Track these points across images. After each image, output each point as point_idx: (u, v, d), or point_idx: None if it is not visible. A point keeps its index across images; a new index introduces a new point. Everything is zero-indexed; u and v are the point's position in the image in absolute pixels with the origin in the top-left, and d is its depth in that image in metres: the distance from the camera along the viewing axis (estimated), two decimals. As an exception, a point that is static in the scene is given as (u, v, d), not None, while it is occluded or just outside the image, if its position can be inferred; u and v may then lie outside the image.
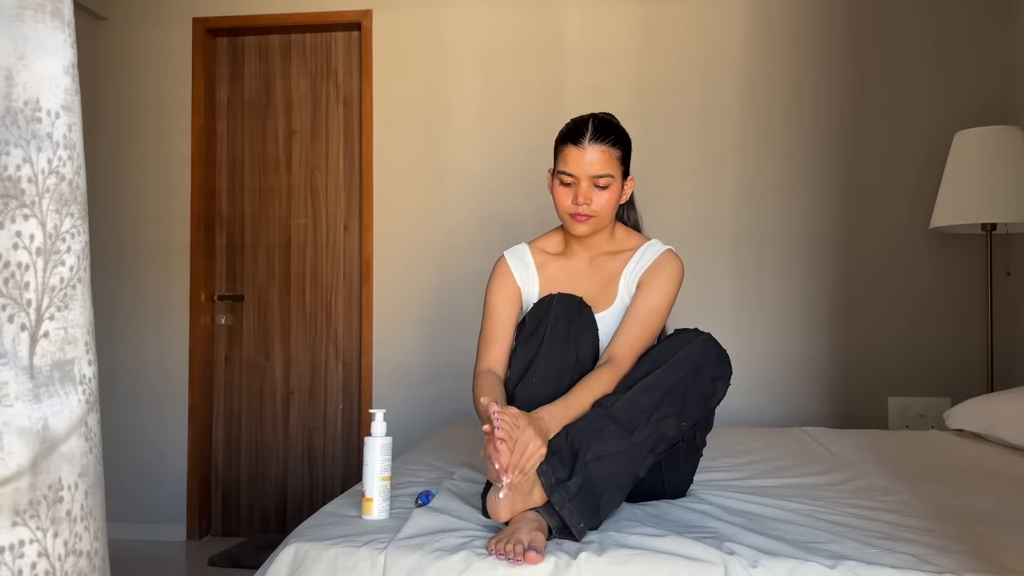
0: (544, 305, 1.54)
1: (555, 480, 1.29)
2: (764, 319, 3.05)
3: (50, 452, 0.70)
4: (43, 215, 0.71)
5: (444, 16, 3.24)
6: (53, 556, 0.70)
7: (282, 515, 3.35)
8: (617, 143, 1.58)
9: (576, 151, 1.56)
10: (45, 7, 0.72)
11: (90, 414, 0.76)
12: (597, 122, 1.58)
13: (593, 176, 1.56)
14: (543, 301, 1.55)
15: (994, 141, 2.63)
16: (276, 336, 3.39)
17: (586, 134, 1.56)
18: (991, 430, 2.18)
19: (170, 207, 3.36)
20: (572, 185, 1.58)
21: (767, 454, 2.03)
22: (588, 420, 1.37)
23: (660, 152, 3.08)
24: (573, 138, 1.57)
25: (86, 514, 0.74)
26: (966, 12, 2.98)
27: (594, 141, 1.55)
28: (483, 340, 1.65)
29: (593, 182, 1.56)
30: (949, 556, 1.17)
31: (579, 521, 1.25)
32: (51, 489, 0.70)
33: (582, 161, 1.55)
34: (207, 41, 3.40)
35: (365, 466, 1.39)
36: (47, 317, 0.71)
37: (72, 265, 0.74)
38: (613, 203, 1.60)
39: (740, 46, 3.09)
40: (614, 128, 1.59)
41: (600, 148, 1.55)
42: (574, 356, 1.48)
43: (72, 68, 0.76)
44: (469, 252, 3.18)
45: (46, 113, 0.72)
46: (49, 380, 0.71)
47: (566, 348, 1.48)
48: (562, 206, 1.60)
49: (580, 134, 1.56)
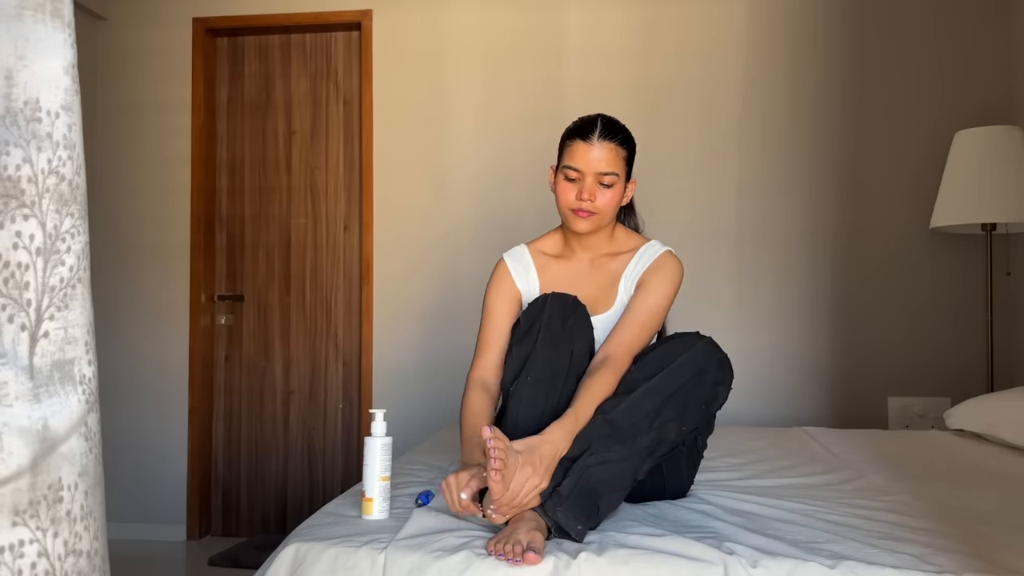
0: (538, 304, 1.54)
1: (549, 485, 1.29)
2: (764, 319, 3.05)
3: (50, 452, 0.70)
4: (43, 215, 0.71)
5: (444, 16, 3.24)
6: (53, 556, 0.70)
7: (282, 515, 3.35)
8: (624, 143, 1.60)
9: (584, 146, 1.57)
10: (45, 7, 0.72)
11: (90, 414, 0.76)
12: (606, 121, 1.60)
13: (599, 173, 1.57)
14: (537, 300, 1.55)
15: (994, 141, 2.63)
16: (276, 336, 3.39)
17: (595, 131, 1.57)
18: (991, 430, 2.18)
19: (170, 207, 3.36)
20: (577, 181, 1.59)
21: (767, 454, 2.03)
22: (590, 426, 1.36)
23: (660, 152, 3.08)
24: (582, 134, 1.58)
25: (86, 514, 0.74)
26: (966, 12, 2.98)
27: (603, 138, 1.57)
28: (480, 344, 1.65)
29: (598, 179, 1.57)
30: (949, 556, 1.17)
31: (575, 523, 1.25)
32: (51, 489, 0.70)
33: (589, 157, 1.56)
34: (207, 41, 3.40)
35: (365, 466, 1.39)
36: (47, 317, 0.71)
37: (72, 265, 0.74)
38: (616, 202, 1.60)
39: (740, 46, 3.09)
40: (622, 129, 1.61)
41: (608, 146, 1.57)
42: (569, 353, 1.48)
43: (72, 68, 0.76)
44: (469, 252, 3.18)
45: (46, 113, 0.72)
46: (49, 380, 0.71)
47: (561, 346, 1.47)
48: (565, 201, 1.61)
49: (589, 130, 1.58)
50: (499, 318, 1.65)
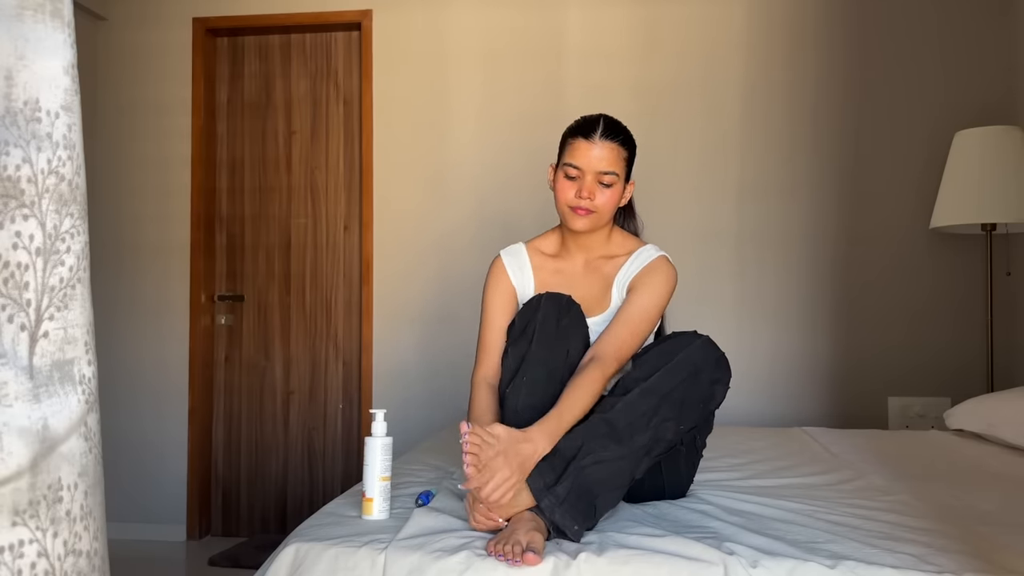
0: (533, 305, 1.54)
1: (543, 485, 1.29)
2: (765, 319, 3.05)
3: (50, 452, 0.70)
4: (43, 215, 0.71)
5: (444, 16, 3.24)
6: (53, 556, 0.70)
7: (282, 515, 3.35)
8: (626, 144, 1.61)
9: (586, 144, 1.57)
10: (45, 7, 0.72)
11: (90, 414, 0.76)
12: (608, 121, 1.61)
13: (599, 172, 1.57)
14: (532, 301, 1.56)
15: (994, 141, 2.63)
16: (276, 336, 3.39)
17: (598, 130, 1.58)
18: (991, 430, 2.18)
19: (170, 207, 3.36)
20: (577, 179, 1.59)
21: (767, 454, 2.03)
22: (587, 426, 1.36)
23: (661, 153, 3.08)
24: (584, 132, 1.59)
25: (86, 514, 0.74)
26: (967, 12, 2.98)
27: (604, 138, 1.57)
28: (480, 347, 1.65)
29: (598, 178, 1.58)
30: (949, 556, 1.17)
31: (572, 523, 1.25)
32: (51, 489, 0.70)
33: (590, 155, 1.57)
34: (207, 41, 3.40)
35: (365, 466, 1.39)
36: (47, 317, 0.71)
37: (72, 265, 0.74)
38: (614, 203, 1.61)
39: (740, 47, 3.09)
40: (623, 130, 1.62)
41: (610, 145, 1.57)
42: (564, 353, 1.48)
43: (72, 68, 0.76)
44: (469, 252, 3.18)
45: (46, 113, 0.72)
46: (49, 380, 0.71)
47: (556, 346, 1.47)
48: (563, 199, 1.61)
49: (592, 129, 1.58)
50: (499, 319, 1.65)
